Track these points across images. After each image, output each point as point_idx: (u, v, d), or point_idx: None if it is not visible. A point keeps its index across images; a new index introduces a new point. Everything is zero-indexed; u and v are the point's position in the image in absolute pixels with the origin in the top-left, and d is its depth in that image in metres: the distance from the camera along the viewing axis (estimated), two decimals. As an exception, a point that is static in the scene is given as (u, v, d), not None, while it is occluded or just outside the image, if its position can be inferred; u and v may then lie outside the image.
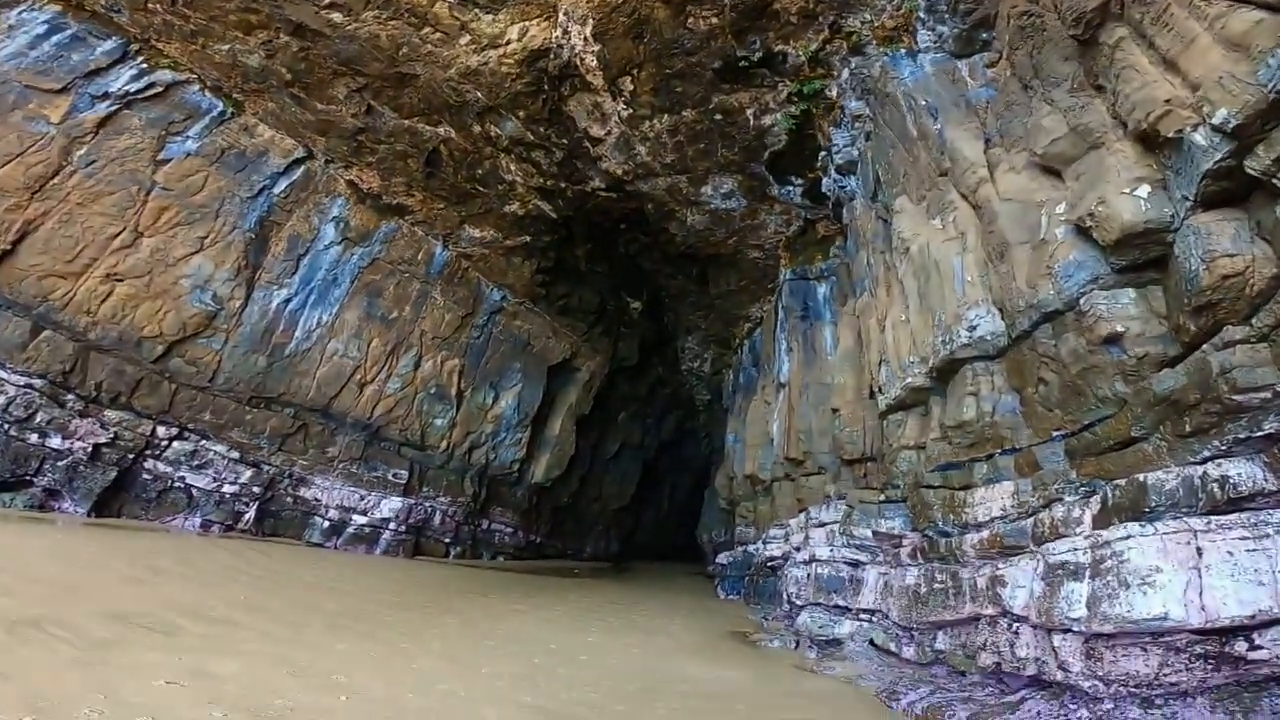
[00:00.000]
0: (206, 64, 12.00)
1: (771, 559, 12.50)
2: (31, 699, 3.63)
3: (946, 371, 7.37)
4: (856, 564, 8.87)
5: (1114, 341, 5.28)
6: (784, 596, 10.71)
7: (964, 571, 6.38)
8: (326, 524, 14.73)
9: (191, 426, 13.07)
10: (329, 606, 7.96)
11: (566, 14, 10.34)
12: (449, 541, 17.36)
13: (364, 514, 15.29)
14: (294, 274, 14.11)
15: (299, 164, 13.63)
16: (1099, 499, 5.05)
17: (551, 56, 11.11)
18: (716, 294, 18.00)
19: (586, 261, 17.97)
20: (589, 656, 7.22)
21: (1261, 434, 4.15)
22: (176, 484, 12.74)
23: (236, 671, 4.89)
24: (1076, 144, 5.76)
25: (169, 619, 6.03)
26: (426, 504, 16.70)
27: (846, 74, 10.04)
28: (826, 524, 10.33)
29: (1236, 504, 4.22)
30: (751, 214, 14.31)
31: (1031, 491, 6.00)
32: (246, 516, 13.42)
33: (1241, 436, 4.25)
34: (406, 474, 16.19)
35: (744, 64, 10.53)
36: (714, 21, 9.90)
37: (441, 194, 14.71)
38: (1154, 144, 4.91)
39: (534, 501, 20.64)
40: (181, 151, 12.37)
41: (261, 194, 13.35)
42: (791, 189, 13.10)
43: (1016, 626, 5.44)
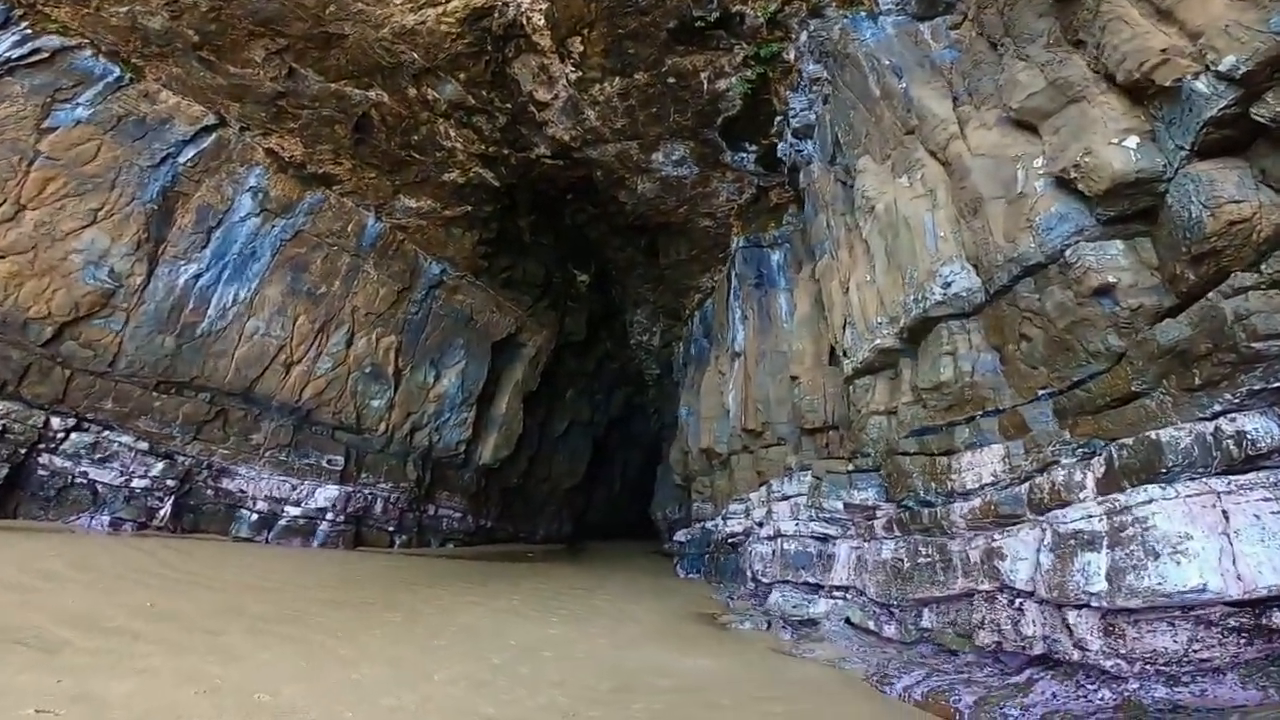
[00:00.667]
0: (101, 28, 10.61)
1: (732, 535, 12.19)
2: None
3: (919, 331, 7.13)
4: (826, 538, 8.56)
5: (1105, 293, 5.09)
6: (748, 575, 10.40)
7: (953, 544, 6.08)
8: (255, 517, 13.62)
9: (91, 416, 11.71)
10: (253, 609, 7.09)
11: (510, -36, 9.53)
12: (393, 530, 16.48)
13: (297, 505, 14.24)
14: (205, 247, 12.77)
15: (209, 131, 12.30)
16: (1102, 460, 4.79)
17: (495, 15, 10.32)
18: (666, 265, 17.55)
19: (531, 233, 17.18)
20: (553, 652, 6.68)
21: (1278, 384, 3.92)
22: (78, 480, 11.43)
23: (129, 693, 4.18)
24: (1055, 98, 5.63)
25: (54, 633, 5.20)
26: (366, 491, 15.72)
27: (805, 36, 9.72)
28: (790, 497, 10.04)
29: (1253, 462, 4.01)
30: (703, 181, 13.88)
31: (1024, 455, 5.75)
32: (161, 512, 12.20)
33: (1256, 388, 4.05)
34: (343, 460, 15.15)
35: (700, 24, 10.07)
36: (669, -24, 9.30)
37: (373, 162, 13.64)
38: (1143, 95, 4.84)
39: (482, 484, 19.89)
40: (70, 119, 11.02)
41: (165, 163, 12.00)
42: (745, 156, 12.77)
43: (1020, 602, 5.11)
